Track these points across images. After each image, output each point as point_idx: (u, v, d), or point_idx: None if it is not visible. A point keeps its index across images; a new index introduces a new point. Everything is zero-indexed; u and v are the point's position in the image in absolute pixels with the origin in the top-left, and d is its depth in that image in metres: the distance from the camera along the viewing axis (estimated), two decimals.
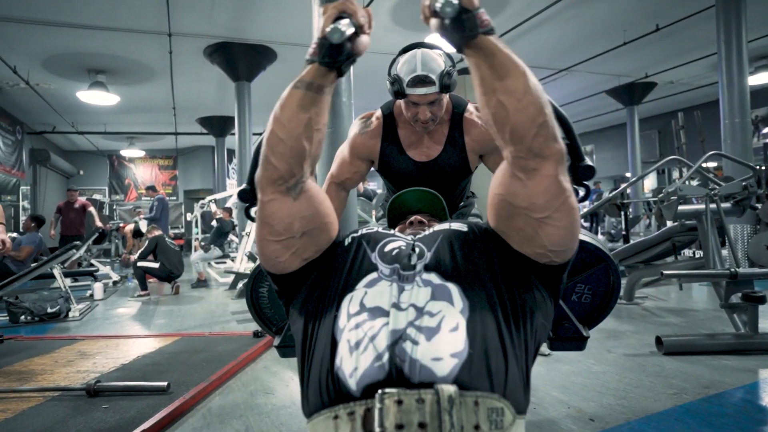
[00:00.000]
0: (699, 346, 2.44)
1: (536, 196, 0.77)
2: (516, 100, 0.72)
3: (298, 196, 0.83)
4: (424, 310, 0.74)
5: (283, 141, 0.79)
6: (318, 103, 0.79)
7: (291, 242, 0.86)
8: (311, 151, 0.82)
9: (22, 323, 3.90)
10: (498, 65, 0.72)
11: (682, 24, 6.44)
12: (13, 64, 6.98)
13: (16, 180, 10.15)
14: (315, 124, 0.80)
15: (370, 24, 0.77)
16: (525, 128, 0.73)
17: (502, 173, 0.82)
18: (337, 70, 0.78)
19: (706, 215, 2.94)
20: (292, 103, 0.78)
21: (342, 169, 1.61)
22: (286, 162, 0.80)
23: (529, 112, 0.72)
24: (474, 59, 0.73)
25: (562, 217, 0.78)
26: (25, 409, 1.93)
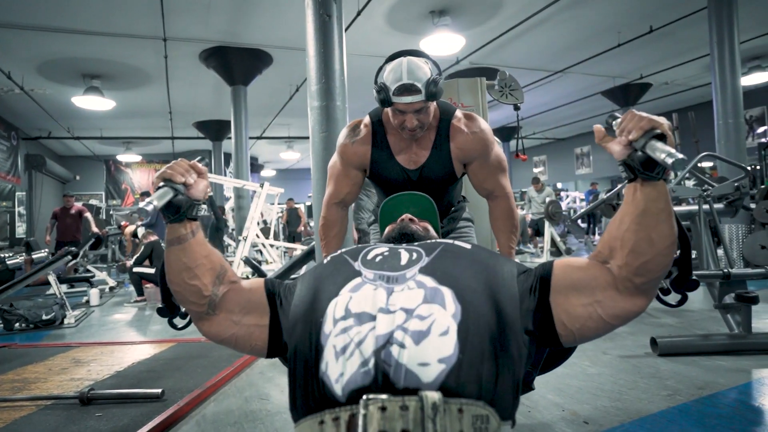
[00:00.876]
0: (693, 347, 2.44)
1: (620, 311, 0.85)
2: (665, 246, 0.81)
3: (216, 311, 0.96)
4: (414, 312, 0.74)
5: (177, 291, 0.96)
6: (185, 250, 0.93)
7: (243, 328, 0.96)
8: (205, 281, 0.95)
9: (16, 330, 3.88)
10: (663, 210, 0.81)
11: (676, 25, 6.48)
12: (7, 69, 6.98)
13: (12, 186, 10.12)
14: (192, 264, 0.93)
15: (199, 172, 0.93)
16: (657, 269, 0.82)
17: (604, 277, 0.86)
18: (188, 219, 0.93)
19: (699, 216, 2.95)
20: (169, 263, 0.95)
21: (339, 185, 1.59)
22: (191, 303, 0.96)
23: (667, 260, 0.83)
24: (644, 194, 0.81)
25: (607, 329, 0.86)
26: (17, 418, 1.91)
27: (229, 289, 0.98)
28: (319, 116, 3.07)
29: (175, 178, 0.88)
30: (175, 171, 0.89)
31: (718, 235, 3.07)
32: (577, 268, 0.87)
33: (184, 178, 0.89)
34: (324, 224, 1.64)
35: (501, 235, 1.59)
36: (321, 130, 3.06)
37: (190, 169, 0.92)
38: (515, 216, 1.58)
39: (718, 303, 2.59)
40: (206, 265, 0.95)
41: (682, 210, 3.14)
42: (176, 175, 0.88)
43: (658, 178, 0.79)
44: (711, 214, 2.98)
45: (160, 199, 0.85)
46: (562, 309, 0.85)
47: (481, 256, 0.92)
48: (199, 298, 0.95)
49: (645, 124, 0.76)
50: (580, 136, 14.41)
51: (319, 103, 3.07)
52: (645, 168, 0.78)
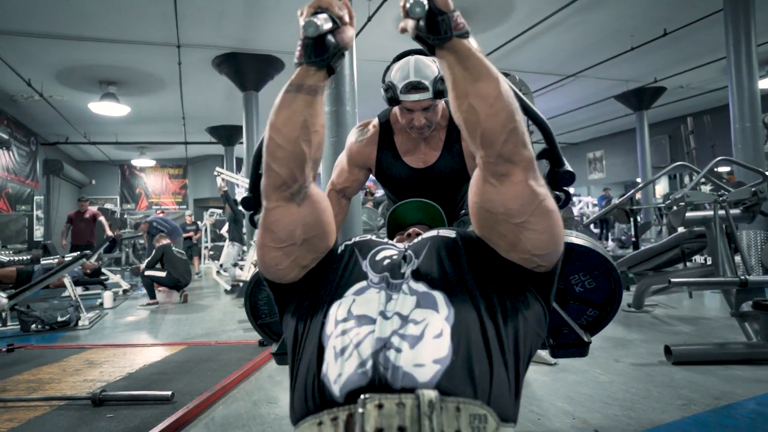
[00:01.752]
0: (709, 355, 2.39)
1: (510, 201, 0.77)
2: (487, 105, 0.73)
3: (302, 201, 0.83)
4: (409, 318, 0.74)
5: (281, 146, 0.79)
6: (311, 104, 0.78)
7: (291, 249, 0.86)
8: (311, 154, 0.81)
9: (32, 332, 3.95)
10: (471, 69, 0.73)
11: (691, 28, 6.40)
12: (27, 77, 7.15)
13: (30, 190, 10.34)
14: (311, 126, 0.79)
15: (350, 15, 0.77)
16: (495, 133, 0.74)
17: (476, 179, 0.83)
18: (327, 68, 0.77)
19: (714, 222, 2.90)
20: (286, 108, 0.78)
21: (341, 177, 1.62)
22: (287, 167, 0.80)
23: (499, 118, 0.73)
24: (447, 62, 0.74)
25: (540, 221, 0.78)
26: (32, 418, 1.94)
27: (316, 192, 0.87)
28: (329, 121, 3.08)
29: (333, 9, 0.74)
30: (333, 2, 0.75)
31: (735, 242, 3.00)
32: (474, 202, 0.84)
33: (342, 12, 0.75)
34: None
35: None
36: (331, 135, 3.08)
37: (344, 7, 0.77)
38: None
39: (735, 311, 2.54)
40: (320, 135, 0.82)
41: (697, 215, 3.09)
42: (335, 6, 0.75)
43: (448, 36, 0.70)
44: (727, 220, 2.92)
45: (325, 22, 0.72)
46: (503, 251, 0.83)
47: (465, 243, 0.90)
48: (299, 170, 0.80)
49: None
50: (592, 140, 14.27)
51: (329, 108, 3.09)
52: (432, 32, 0.70)
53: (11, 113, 9.31)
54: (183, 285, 5.42)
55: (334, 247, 0.96)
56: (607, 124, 12.18)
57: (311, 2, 0.75)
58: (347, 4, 0.77)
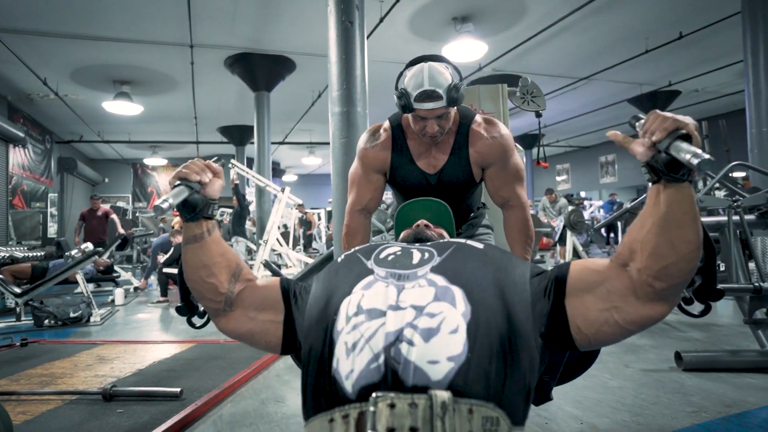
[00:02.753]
0: (721, 362, 2.35)
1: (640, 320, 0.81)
2: (689, 251, 0.78)
3: (233, 306, 0.98)
4: (425, 310, 0.74)
5: (195, 289, 0.99)
6: (202, 248, 0.95)
7: (262, 325, 0.97)
8: (222, 278, 0.97)
9: (45, 327, 4.01)
10: (688, 213, 0.78)
11: (707, 31, 6.32)
12: (43, 76, 7.27)
13: (45, 187, 10.51)
14: (209, 264, 0.96)
15: (214, 172, 0.95)
16: (680, 275, 0.79)
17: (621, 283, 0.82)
18: (204, 218, 0.95)
19: (728, 227, 2.86)
20: (185, 260, 0.97)
21: (361, 191, 1.59)
22: (205, 299, 0.99)
23: (691, 266, 0.79)
24: (667, 196, 0.78)
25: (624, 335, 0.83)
26: (44, 411, 1.98)
27: (245, 286, 1.00)
28: (340, 122, 3.09)
29: (191, 177, 0.90)
30: (191, 170, 0.91)
31: (749, 248, 2.96)
32: (594, 271, 0.85)
33: (199, 176, 0.91)
34: (347, 232, 1.63)
35: (515, 245, 1.57)
36: (341, 135, 3.09)
37: (206, 169, 0.94)
38: (530, 227, 1.56)
39: (748, 318, 2.50)
40: (222, 263, 0.97)
41: (711, 221, 3.04)
42: (192, 174, 0.91)
43: (683, 180, 0.76)
44: (741, 226, 2.87)
45: (175, 197, 0.86)
46: (577, 312, 0.83)
47: (494, 257, 0.91)
48: (215, 296, 0.97)
49: (669, 125, 0.74)
50: (605, 144, 14.14)
51: (340, 108, 3.10)
52: (669, 170, 0.75)
53: (27, 112, 9.47)
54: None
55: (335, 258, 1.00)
56: (620, 128, 12.01)
57: (175, 172, 0.91)
58: (208, 164, 0.95)
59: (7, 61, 6.66)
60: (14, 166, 8.86)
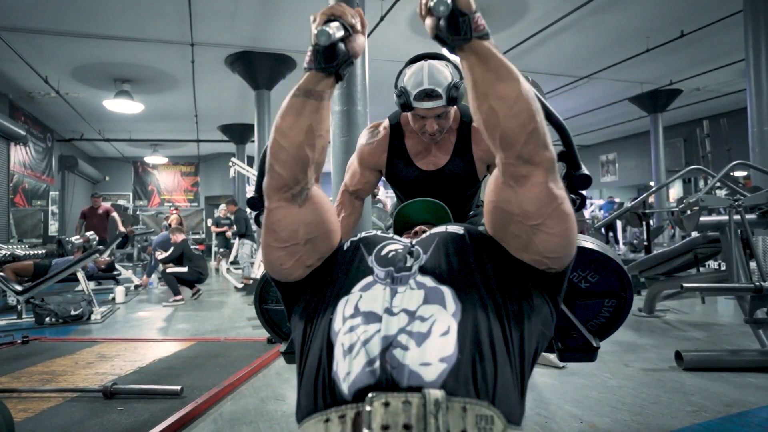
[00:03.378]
0: (721, 362, 2.35)
1: (527, 203, 0.77)
2: (507, 106, 0.73)
3: (304, 203, 0.85)
4: (416, 314, 0.74)
5: (285, 149, 0.81)
6: (318, 110, 0.80)
7: (295, 249, 0.87)
8: (314, 158, 0.83)
9: (46, 325, 4.02)
10: (491, 70, 0.73)
11: (709, 30, 6.30)
12: (44, 74, 7.27)
13: (46, 186, 10.51)
14: (316, 131, 0.81)
15: (362, 23, 0.78)
16: (515, 135, 0.74)
17: (494, 180, 0.83)
18: (336, 75, 0.79)
19: (729, 227, 2.85)
20: (292, 112, 0.80)
21: (353, 180, 1.62)
22: (290, 170, 0.82)
23: (519, 119, 0.73)
24: (468, 62, 0.74)
25: (556, 224, 0.78)
26: (45, 409, 1.98)
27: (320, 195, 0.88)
28: (340, 121, 3.09)
29: (346, 17, 0.76)
30: (347, 11, 0.77)
31: (751, 247, 2.95)
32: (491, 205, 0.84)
33: (354, 20, 0.78)
34: (336, 206, 1.66)
35: None
36: (342, 134, 3.09)
37: (357, 15, 0.79)
38: None
39: (749, 317, 2.50)
40: (324, 141, 0.84)
41: (712, 220, 3.04)
42: (348, 15, 0.77)
43: (469, 37, 0.70)
44: (742, 225, 2.87)
45: (337, 30, 0.73)
46: (514, 250, 0.83)
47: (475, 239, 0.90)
48: (301, 172, 0.82)
49: None
50: (605, 143, 14.12)
51: (341, 107, 3.10)
52: (452, 32, 0.69)
53: (29, 110, 9.47)
54: (204, 279, 5.44)
55: (340, 243, 0.97)
56: (621, 127, 12.05)
57: (325, 9, 0.76)
58: (360, 12, 0.79)
59: (9, 59, 6.65)
60: (15, 164, 8.87)
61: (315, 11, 0.80)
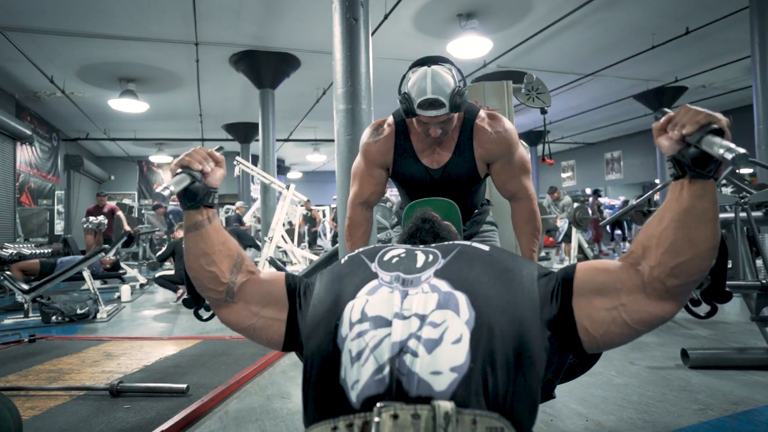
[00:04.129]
0: (728, 360, 2.34)
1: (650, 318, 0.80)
2: (706, 249, 0.76)
3: (235, 297, 0.97)
4: (428, 319, 0.73)
5: (196, 278, 0.98)
6: (203, 236, 0.95)
7: (262, 320, 0.96)
8: (223, 266, 0.96)
9: (53, 323, 4.04)
10: (709, 210, 0.76)
11: (714, 26, 6.26)
12: (50, 74, 7.31)
13: (52, 185, 10.58)
14: (210, 252, 0.95)
15: (216, 161, 0.94)
16: (694, 273, 0.77)
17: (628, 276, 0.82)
18: (205, 206, 0.94)
19: (735, 224, 2.84)
20: (187, 249, 0.96)
21: (363, 185, 1.60)
22: (209, 289, 0.97)
23: (706, 264, 0.77)
24: (691, 191, 0.76)
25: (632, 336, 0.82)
26: (52, 407, 1.99)
27: (248, 279, 0.98)
28: (345, 119, 3.09)
29: (193, 165, 0.90)
30: (193, 158, 0.90)
31: (757, 245, 2.93)
32: (602, 271, 0.84)
33: (201, 165, 0.91)
34: (350, 225, 1.64)
35: (523, 237, 1.57)
36: (346, 132, 3.09)
37: (208, 157, 0.93)
38: (538, 218, 1.56)
39: (755, 315, 2.48)
40: (223, 252, 0.96)
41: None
42: (194, 162, 0.90)
43: (710, 177, 0.74)
44: (749, 222, 2.85)
45: (176, 185, 0.86)
46: (584, 313, 0.81)
47: (500, 258, 0.90)
48: (216, 285, 0.96)
49: (702, 119, 0.71)
50: (610, 140, 14.06)
51: (345, 106, 3.10)
52: (696, 165, 0.74)
53: (34, 109, 9.53)
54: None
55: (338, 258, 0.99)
56: (626, 124, 11.99)
57: (176, 160, 0.91)
58: (212, 153, 0.95)
59: (15, 59, 6.69)
60: (22, 164, 8.93)
61: (319, 10, 0.81)
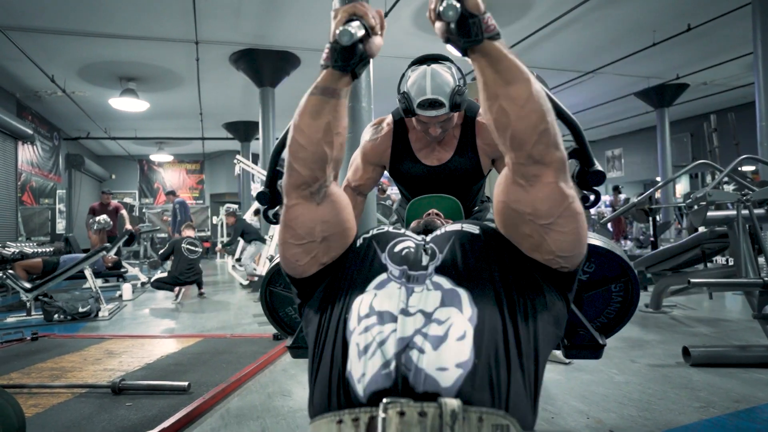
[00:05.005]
0: (729, 357, 2.34)
1: (539, 202, 0.77)
2: (518, 107, 0.73)
3: (322, 200, 0.85)
4: (433, 317, 0.74)
5: (304, 147, 0.81)
6: (335, 107, 0.80)
7: (311, 246, 0.87)
8: (333, 156, 0.83)
9: (55, 322, 4.05)
10: (502, 71, 0.72)
11: (716, 23, 6.23)
12: (51, 73, 7.31)
13: (53, 184, 10.58)
14: (334, 128, 0.81)
15: (382, 24, 0.78)
16: (526, 135, 0.74)
17: (504, 179, 0.83)
18: (351, 73, 0.79)
19: (737, 221, 2.83)
20: (310, 109, 0.79)
21: (356, 175, 1.63)
22: (308, 167, 0.82)
23: (530, 120, 0.73)
24: (479, 64, 0.73)
25: (567, 223, 0.78)
26: (55, 404, 2.00)
27: (337, 199, 0.88)
28: None
29: (368, 19, 0.75)
30: (369, 11, 0.76)
31: (759, 242, 2.93)
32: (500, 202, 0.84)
33: (375, 21, 0.77)
34: None
35: None
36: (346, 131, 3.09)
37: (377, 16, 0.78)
38: None
39: (757, 313, 2.48)
40: (342, 142, 0.84)
41: (719, 215, 3.01)
42: (369, 15, 0.76)
43: (480, 39, 0.69)
44: (751, 220, 2.85)
45: (358, 30, 0.73)
46: (527, 250, 0.83)
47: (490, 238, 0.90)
48: (319, 170, 0.82)
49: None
50: (611, 138, 14.03)
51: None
52: (462, 35, 0.69)
53: (35, 109, 9.53)
54: (182, 282, 5.20)
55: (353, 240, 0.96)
56: (627, 122, 11.96)
57: (347, 6, 0.76)
58: (381, 13, 0.79)
59: (16, 58, 6.69)
60: (23, 163, 8.94)
61: (319, 8, 0.80)
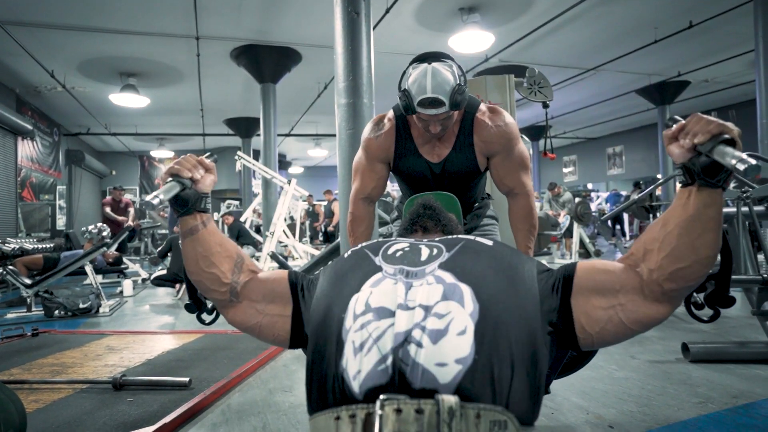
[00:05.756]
0: (728, 354, 2.35)
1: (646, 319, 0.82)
2: (707, 256, 0.78)
3: (240, 297, 0.99)
4: (433, 310, 0.73)
5: (197, 282, 1.00)
6: (198, 241, 0.96)
7: (269, 318, 0.97)
8: (222, 266, 0.97)
9: (56, 317, 4.06)
10: (714, 218, 0.78)
11: (718, 20, 6.22)
12: (50, 68, 7.30)
13: (53, 180, 10.59)
14: (208, 255, 0.96)
15: (206, 168, 0.96)
16: (693, 278, 0.79)
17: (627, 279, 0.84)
18: (199, 210, 0.96)
19: (737, 219, 2.83)
20: (186, 253, 0.97)
21: (365, 180, 1.60)
22: (212, 291, 0.99)
23: (705, 270, 0.79)
24: (699, 199, 0.78)
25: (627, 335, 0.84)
26: (56, 400, 2.01)
27: (250, 278, 1.00)
28: (346, 113, 3.09)
29: (182, 173, 0.92)
30: (183, 166, 0.93)
31: (759, 239, 2.93)
32: (601, 270, 0.86)
33: (191, 173, 0.93)
34: (352, 220, 1.64)
35: (519, 233, 1.57)
36: (348, 127, 3.08)
37: (198, 165, 0.95)
38: (534, 215, 1.56)
39: (756, 309, 2.48)
40: (222, 253, 0.98)
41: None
42: (183, 170, 0.92)
43: (718, 186, 0.76)
44: (751, 217, 2.85)
45: (166, 192, 0.88)
46: (582, 311, 0.83)
47: (503, 253, 0.90)
48: (219, 285, 0.97)
49: (714, 128, 0.72)
50: (612, 135, 14.01)
51: (347, 100, 3.09)
52: (706, 174, 0.76)
53: (35, 104, 9.53)
54: (182, 279, 5.24)
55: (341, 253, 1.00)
56: (628, 119, 11.95)
57: (167, 168, 0.93)
58: (201, 160, 0.96)
59: (15, 53, 6.68)
60: (23, 159, 8.94)
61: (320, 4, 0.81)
